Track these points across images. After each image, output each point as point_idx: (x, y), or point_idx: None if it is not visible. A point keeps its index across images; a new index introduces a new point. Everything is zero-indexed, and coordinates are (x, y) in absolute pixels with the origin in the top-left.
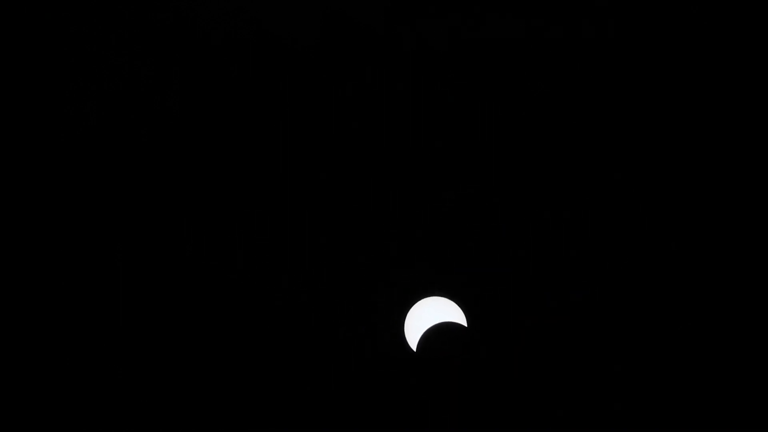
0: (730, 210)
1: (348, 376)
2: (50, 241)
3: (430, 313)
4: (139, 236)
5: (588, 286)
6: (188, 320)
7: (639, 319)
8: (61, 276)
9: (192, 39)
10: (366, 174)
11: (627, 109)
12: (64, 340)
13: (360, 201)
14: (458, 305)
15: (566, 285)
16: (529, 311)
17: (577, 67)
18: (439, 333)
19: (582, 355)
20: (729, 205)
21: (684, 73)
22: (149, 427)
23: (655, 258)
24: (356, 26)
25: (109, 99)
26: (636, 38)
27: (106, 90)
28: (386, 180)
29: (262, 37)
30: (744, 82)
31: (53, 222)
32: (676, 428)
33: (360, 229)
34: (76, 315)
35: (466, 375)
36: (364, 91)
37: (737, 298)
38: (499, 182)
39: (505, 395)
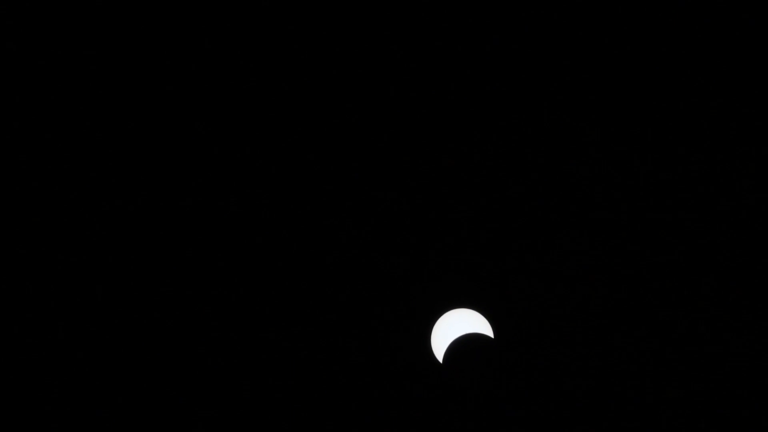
0: (729, 210)
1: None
2: (51, 240)
3: (459, 324)
4: (139, 236)
5: (588, 286)
6: (190, 321)
7: (639, 319)
8: (62, 275)
9: (192, 38)
10: (377, 180)
11: (627, 109)
12: (64, 339)
13: (366, 205)
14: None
15: (566, 285)
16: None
17: (577, 66)
18: (466, 344)
19: (582, 354)
20: (728, 205)
21: (683, 72)
22: (149, 427)
23: (654, 258)
24: (355, 25)
25: (109, 98)
26: (636, 38)
27: (105, 89)
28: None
29: (260, 36)
30: (744, 81)
31: (54, 222)
32: (676, 428)
33: (370, 236)
34: (76, 315)
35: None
36: (364, 92)
37: (737, 297)
38: (500, 183)
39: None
